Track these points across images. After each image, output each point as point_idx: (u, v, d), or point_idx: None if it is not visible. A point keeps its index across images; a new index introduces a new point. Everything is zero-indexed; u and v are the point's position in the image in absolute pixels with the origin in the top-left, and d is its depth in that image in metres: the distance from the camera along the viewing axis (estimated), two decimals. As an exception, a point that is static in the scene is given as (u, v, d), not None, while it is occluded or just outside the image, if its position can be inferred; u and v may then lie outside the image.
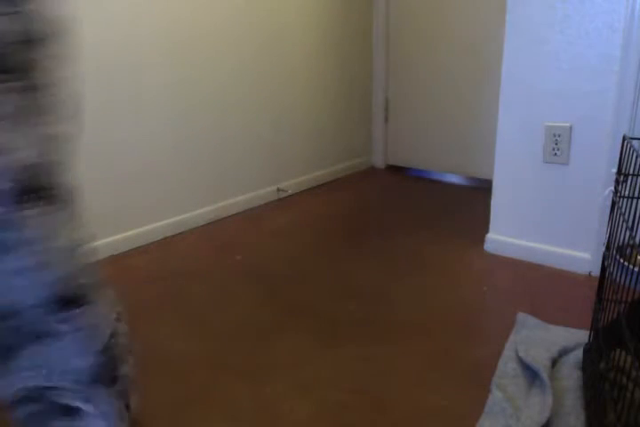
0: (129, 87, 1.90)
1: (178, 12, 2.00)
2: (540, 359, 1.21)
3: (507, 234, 1.90)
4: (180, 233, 2.17)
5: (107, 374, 0.68)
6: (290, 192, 2.62)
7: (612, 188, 1.13)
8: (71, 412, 0.66)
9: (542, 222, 1.81)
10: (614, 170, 1.17)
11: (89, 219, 1.99)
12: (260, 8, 2.30)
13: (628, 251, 1.47)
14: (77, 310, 0.64)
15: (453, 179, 2.89)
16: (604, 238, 1.23)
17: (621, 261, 1.41)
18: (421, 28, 2.79)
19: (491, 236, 1.94)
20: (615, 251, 1.13)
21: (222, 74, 2.22)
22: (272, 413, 1.13)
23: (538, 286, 1.68)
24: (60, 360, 0.64)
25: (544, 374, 1.15)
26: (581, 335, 1.33)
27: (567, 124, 1.69)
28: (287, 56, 2.49)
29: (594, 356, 1.12)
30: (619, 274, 1.06)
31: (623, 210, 1.04)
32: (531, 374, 1.20)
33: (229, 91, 2.26)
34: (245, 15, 2.25)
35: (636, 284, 0.93)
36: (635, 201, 1.00)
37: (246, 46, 2.29)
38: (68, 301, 0.64)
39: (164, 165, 2.08)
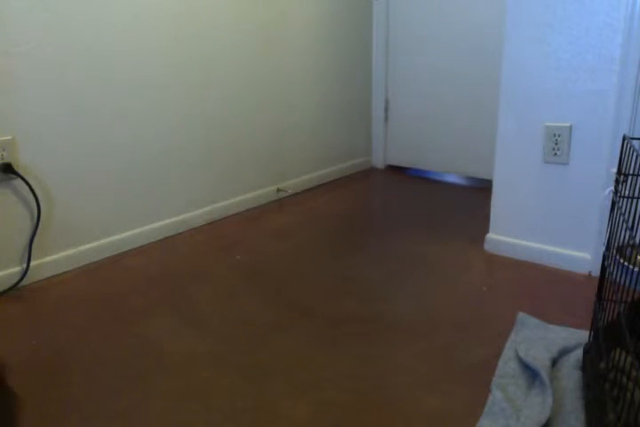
0: (130, 86, 1.90)
1: (178, 13, 2.00)
2: (540, 359, 1.21)
3: (507, 234, 1.90)
4: (180, 233, 2.17)
5: None
6: (290, 192, 2.62)
7: (612, 188, 1.13)
8: None
9: (542, 222, 1.81)
10: (614, 170, 1.17)
11: (89, 219, 2.00)
12: (261, 9, 2.30)
13: (628, 251, 1.47)
14: None
15: (453, 179, 2.89)
16: (603, 238, 1.23)
17: (621, 261, 1.41)
18: (421, 29, 2.79)
19: (491, 236, 1.94)
20: (615, 251, 1.13)
21: (222, 73, 2.22)
22: (272, 413, 1.13)
23: (538, 286, 1.68)
24: None
25: (544, 374, 1.15)
26: (581, 335, 1.33)
27: (567, 124, 1.69)
28: (287, 56, 2.49)
29: (594, 356, 1.12)
30: (619, 274, 1.06)
31: (623, 210, 1.04)
32: (531, 374, 1.20)
33: (229, 90, 2.26)
34: (246, 16, 2.25)
35: (636, 284, 0.93)
36: (635, 201, 1.00)
37: (246, 46, 2.29)
38: None
39: (164, 164, 2.08)
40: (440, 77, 2.78)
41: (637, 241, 0.90)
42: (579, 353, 1.25)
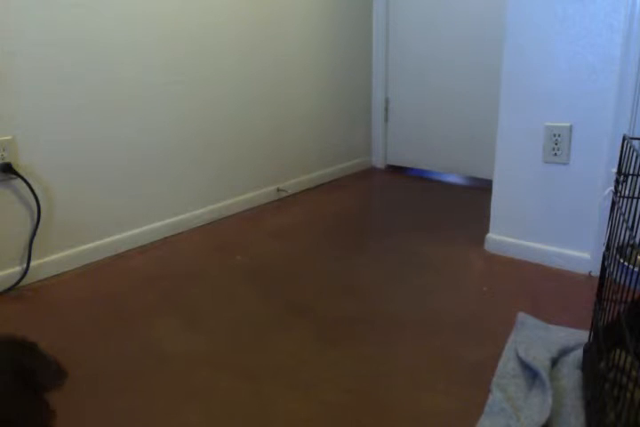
0: (130, 87, 1.90)
1: (178, 7, 1.99)
2: (540, 359, 1.21)
3: (507, 234, 1.90)
4: (180, 233, 2.17)
5: None
6: (290, 192, 2.62)
7: (612, 188, 1.13)
8: None
9: (542, 222, 1.81)
10: (614, 170, 1.17)
11: (89, 219, 1.99)
12: (261, 7, 2.30)
13: (628, 251, 1.47)
14: None
15: (453, 179, 2.89)
16: (603, 238, 1.23)
17: (621, 261, 1.41)
18: (421, 28, 2.79)
19: (491, 236, 1.94)
20: (615, 251, 1.13)
21: (222, 74, 2.22)
22: (272, 413, 1.13)
23: (538, 286, 1.68)
24: None
25: (544, 374, 1.15)
26: (581, 335, 1.33)
27: (567, 124, 1.69)
28: (287, 56, 2.48)
29: (594, 356, 1.12)
30: (619, 274, 1.06)
31: (623, 210, 1.04)
32: (531, 374, 1.20)
33: (229, 91, 2.26)
34: (245, 13, 2.25)
35: (636, 284, 0.93)
36: (635, 201, 1.00)
37: (245, 45, 2.29)
38: None
39: (164, 164, 2.08)
40: (440, 77, 2.78)
41: (637, 241, 0.90)
42: (579, 353, 1.25)
